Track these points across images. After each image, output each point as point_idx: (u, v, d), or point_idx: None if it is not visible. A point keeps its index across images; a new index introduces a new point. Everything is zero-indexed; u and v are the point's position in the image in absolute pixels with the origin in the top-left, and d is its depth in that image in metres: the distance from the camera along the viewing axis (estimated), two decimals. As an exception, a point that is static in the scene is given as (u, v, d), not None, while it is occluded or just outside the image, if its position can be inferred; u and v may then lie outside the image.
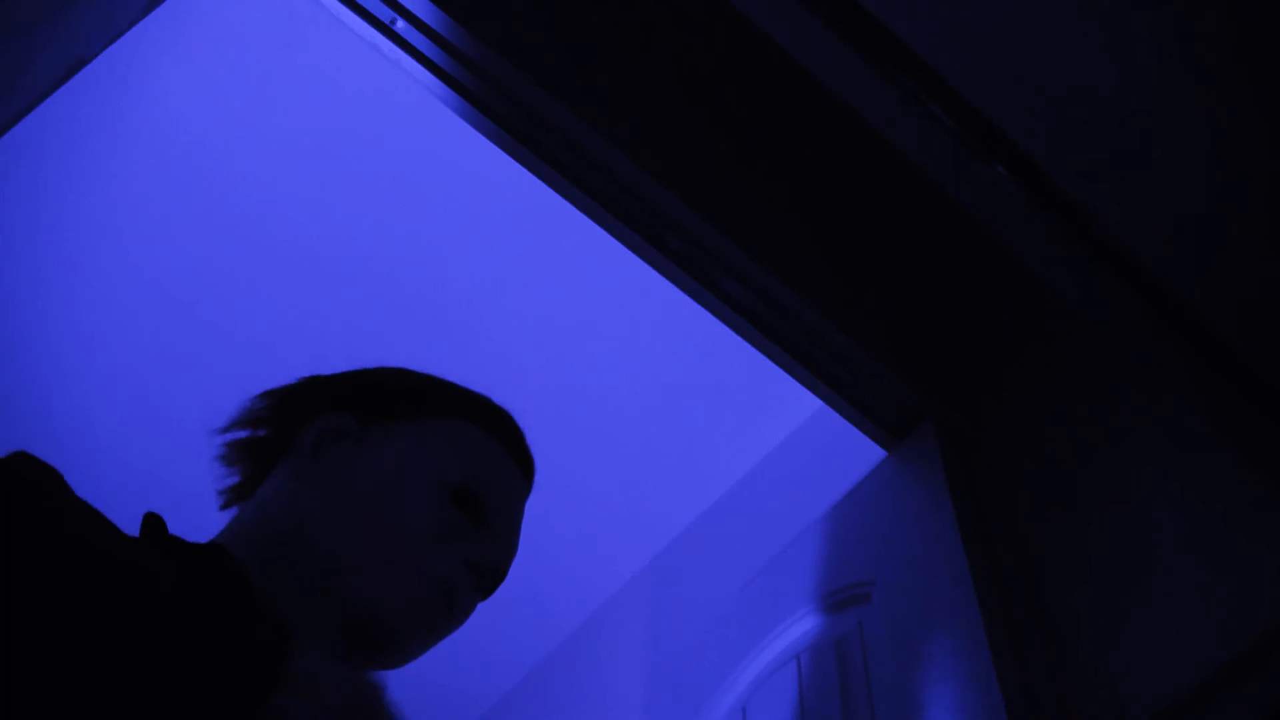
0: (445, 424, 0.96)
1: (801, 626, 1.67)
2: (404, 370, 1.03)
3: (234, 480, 0.96)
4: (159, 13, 1.46)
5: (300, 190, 2.31)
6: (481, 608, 0.98)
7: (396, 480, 0.89)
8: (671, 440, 2.53)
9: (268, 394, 0.99)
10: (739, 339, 1.81)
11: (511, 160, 1.69)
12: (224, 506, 0.95)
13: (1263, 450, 1.23)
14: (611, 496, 2.58)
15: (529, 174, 1.69)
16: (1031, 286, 1.82)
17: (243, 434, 0.97)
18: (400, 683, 0.85)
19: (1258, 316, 1.14)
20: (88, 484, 0.75)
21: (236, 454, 0.96)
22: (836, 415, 1.87)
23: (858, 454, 1.89)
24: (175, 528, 0.81)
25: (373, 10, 1.57)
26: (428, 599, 0.86)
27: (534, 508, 1.12)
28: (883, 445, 1.84)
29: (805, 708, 1.54)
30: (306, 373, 0.98)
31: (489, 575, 0.92)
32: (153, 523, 0.78)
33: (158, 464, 2.46)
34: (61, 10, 1.22)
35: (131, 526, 0.75)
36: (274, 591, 0.80)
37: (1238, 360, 1.14)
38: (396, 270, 2.38)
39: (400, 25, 1.58)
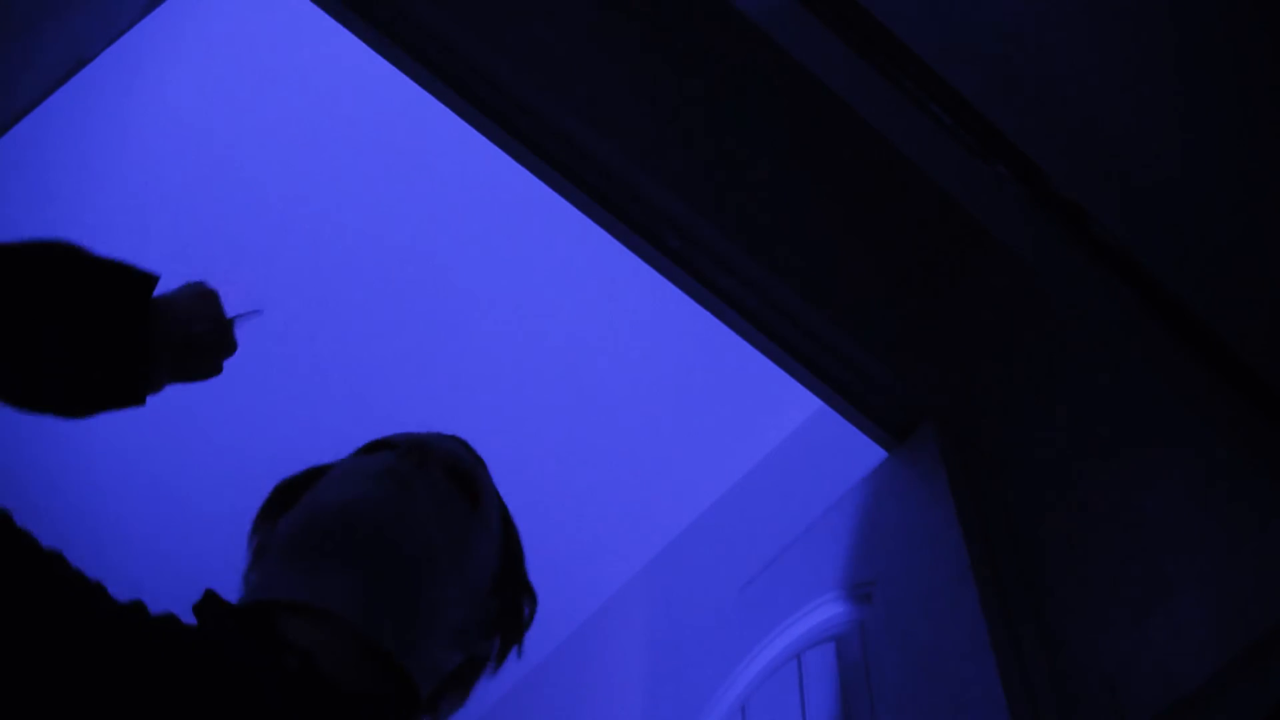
0: None
1: (801, 626, 1.67)
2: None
3: None
4: (159, 13, 1.46)
5: (300, 188, 2.31)
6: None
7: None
8: (672, 440, 2.53)
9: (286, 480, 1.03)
10: (739, 339, 1.81)
11: (512, 160, 1.69)
12: None
13: (1263, 449, 1.23)
14: (612, 496, 2.58)
15: (529, 174, 1.69)
16: (1032, 286, 1.82)
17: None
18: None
19: (1256, 314, 1.15)
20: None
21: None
22: (836, 415, 1.87)
23: (858, 454, 1.89)
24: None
25: (373, 10, 1.58)
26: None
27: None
28: (883, 445, 1.84)
29: (805, 707, 1.54)
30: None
31: None
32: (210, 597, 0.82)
33: (159, 461, 2.46)
34: (62, 10, 1.22)
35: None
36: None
37: (1238, 359, 1.15)
38: (399, 268, 2.38)
39: (400, 25, 1.58)
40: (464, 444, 1.03)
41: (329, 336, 2.38)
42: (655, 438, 2.53)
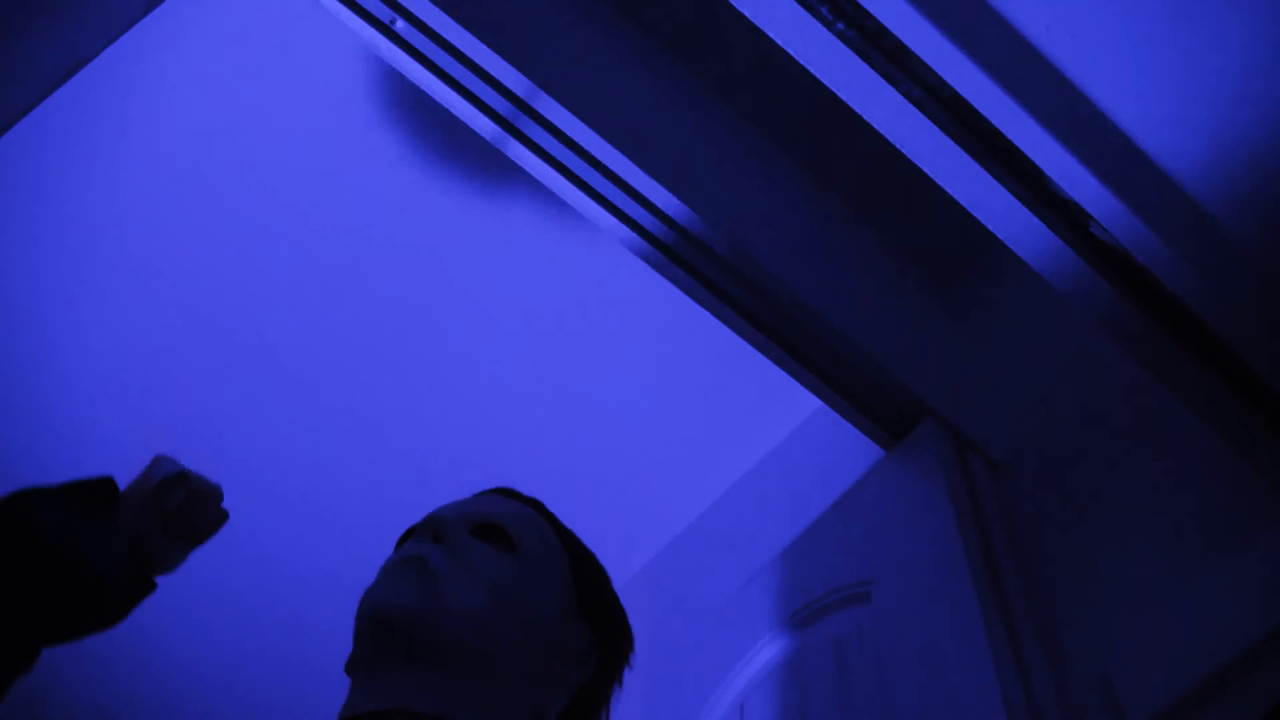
0: None
1: (800, 626, 1.67)
2: None
3: None
4: (159, 13, 1.46)
5: (300, 190, 2.31)
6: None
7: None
8: (671, 440, 2.53)
9: None
10: (739, 339, 1.81)
11: (510, 159, 1.69)
12: None
13: (1264, 450, 1.23)
14: (611, 496, 2.58)
15: (528, 173, 1.69)
16: (1031, 285, 1.82)
17: None
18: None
19: (1259, 317, 1.15)
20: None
21: None
22: (836, 415, 1.87)
23: (857, 454, 1.89)
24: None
25: (372, 10, 1.58)
26: None
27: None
28: (881, 445, 1.84)
29: (804, 707, 1.54)
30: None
31: None
32: None
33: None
34: (61, 10, 1.22)
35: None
36: None
37: (1239, 360, 1.15)
38: (396, 268, 2.38)
39: (400, 25, 1.58)
40: (500, 493, 1.08)
41: (328, 336, 2.38)
42: (655, 437, 2.53)
